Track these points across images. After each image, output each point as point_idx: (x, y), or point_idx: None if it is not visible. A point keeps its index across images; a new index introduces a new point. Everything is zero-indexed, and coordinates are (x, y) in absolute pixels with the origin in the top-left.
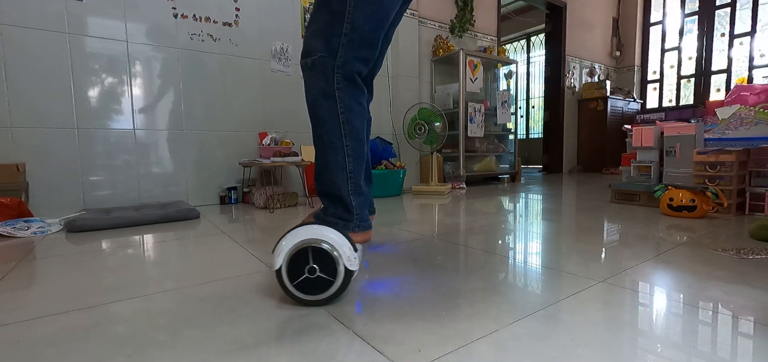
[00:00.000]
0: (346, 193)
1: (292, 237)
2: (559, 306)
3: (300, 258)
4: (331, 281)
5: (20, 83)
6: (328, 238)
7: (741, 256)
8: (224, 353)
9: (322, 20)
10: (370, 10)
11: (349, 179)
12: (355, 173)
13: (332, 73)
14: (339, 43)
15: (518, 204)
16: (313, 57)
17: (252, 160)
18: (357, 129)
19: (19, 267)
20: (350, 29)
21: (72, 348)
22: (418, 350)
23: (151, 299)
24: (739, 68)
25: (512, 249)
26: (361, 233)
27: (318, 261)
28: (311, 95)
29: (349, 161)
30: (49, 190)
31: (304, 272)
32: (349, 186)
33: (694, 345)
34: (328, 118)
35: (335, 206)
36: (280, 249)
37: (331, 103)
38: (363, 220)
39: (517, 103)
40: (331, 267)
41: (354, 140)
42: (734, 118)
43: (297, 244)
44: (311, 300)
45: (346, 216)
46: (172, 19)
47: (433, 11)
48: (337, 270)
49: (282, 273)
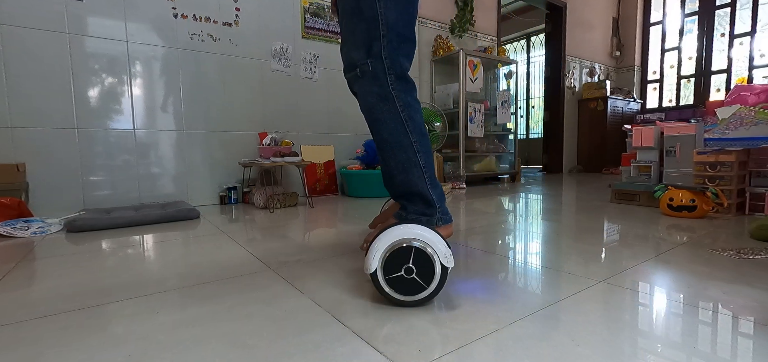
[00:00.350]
0: (424, 188)
1: (386, 239)
2: (559, 306)
3: (395, 259)
4: (428, 280)
5: (20, 83)
6: (422, 236)
7: (741, 256)
8: (224, 353)
9: (358, 30)
10: (401, 6)
11: (423, 173)
12: (428, 167)
13: (384, 75)
14: (380, 46)
15: (518, 205)
16: (360, 66)
17: (252, 160)
18: (419, 123)
19: (19, 268)
20: (387, 30)
21: (72, 348)
22: (418, 350)
23: (151, 299)
24: (739, 68)
25: (512, 249)
26: (445, 226)
27: (414, 260)
28: (367, 102)
29: (421, 156)
30: (49, 190)
31: (400, 273)
32: (425, 180)
33: (694, 345)
34: (389, 119)
35: (415, 203)
36: (374, 251)
37: (390, 104)
38: (445, 213)
39: (517, 103)
40: (428, 266)
41: (419, 135)
42: (734, 118)
43: (391, 245)
44: (408, 300)
45: (428, 211)
46: (172, 19)
47: (433, 11)
48: (434, 269)
49: (378, 276)
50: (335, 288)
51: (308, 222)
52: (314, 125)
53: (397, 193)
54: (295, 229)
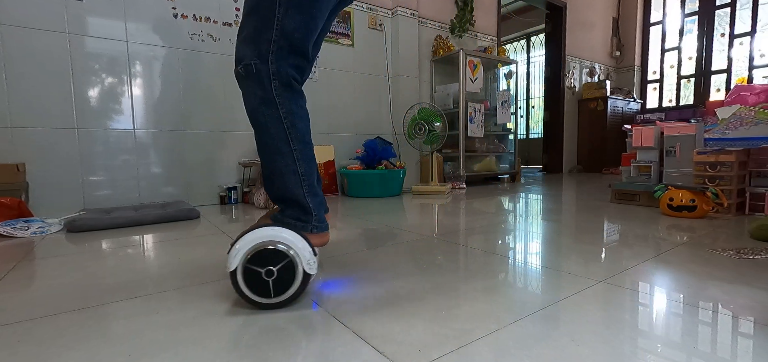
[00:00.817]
0: (302, 195)
1: (251, 238)
2: (559, 306)
3: (257, 260)
4: (288, 284)
5: (20, 83)
6: (287, 240)
7: (741, 256)
8: (225, 352)
9: (252, 26)
10: (300, 18)
11: (302, 181)
12: (308, 175)
13: (269, 80)
14: (269, 49)
15: (518, 205)
16: (244, 64)
17: (252, 160)
18: (302, 132)
19: (19, 268)
20: (279, 35)
21: (72, 348)
22: (418, 350)
23: (151, 299)
24: (739, 68)
25: (512, 249)
26: (319, 234)
27: (276, 263)
28: (250, 104)
29: (300, 164)
30: (49, 190)
31: (261, 274)
32: (303, 188)
33: (694, 345)
34: (271, 124)
35: (292, 208)
36: (236, 250)
37: (273, 110)
38: (321, 221)
39: (517, 103)
40: (289, 270)
41: (301, 143)
42: (734, 118)
43: (256, 245)
44: (266, 303)
45: (303, 217)
46: (172, 19)
47: (433, 11)
48: (296, 273)
49: (237, 276)
50: (335, 288)
51: None
52: (314, 125)
53: (276, 197)
54: None
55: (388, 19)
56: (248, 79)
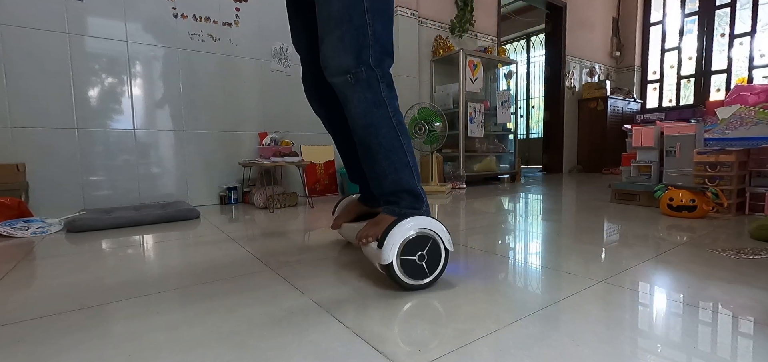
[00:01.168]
0: (414, 184)
1: (401, 231)
2: (559, 306)
3: (410, 248)
4: (436, 264)
5: (20, 83)
6: (432, 226)
7: (741, 256)
8: (225, 352)
9: (348, 37)
10: (385, 20)
11: (413, 171)
12: (415, 165)
13: (377, 83)
14: (369, 55)
15: (518, 205)
16: (353, 72)
17: (252, 160)
18: (405, 127)
19: (19, 268)
20: (374, 41)
21: (72, 349)
22: (418, 350)
23: (151, 299)
24: (739, 68)
25: (512, 249)
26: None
27: (424, 247)
28: (361, 108)
29: (410, 157)
30: (49, 190)
31: (414, 258)
32: (414, 178)
33: (694, 345)
34: (382, 124)
35: (407, 198)
36: (390, 244)
37: (383, 110)
38: (428, 205)
39: (517, 103)
40: (436, 252)
41: (408, 138)
42: (734, 118)
43: (410, 236)
44: (419, 284)
45: (417, 204)
46: (172, 19)
47: (433, 11)
48: (441, 254)
49: (394, 266)
50: (335, 288)
51: (308, 222)
52: (314, 125)
53: (388, 191)
54: (295, 229)
55: None
56: (358, 86)
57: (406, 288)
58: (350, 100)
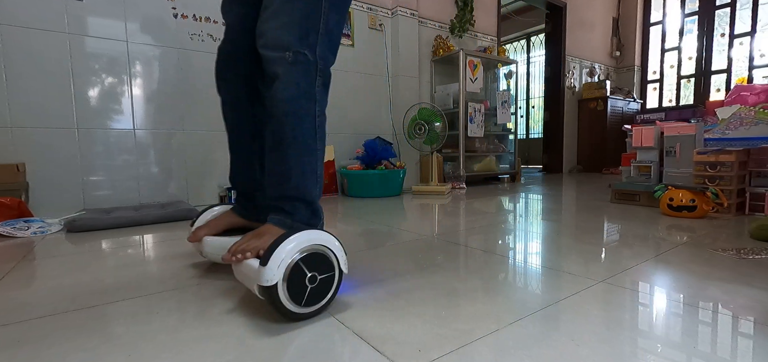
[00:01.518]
0: (315, 197)
1: (293, 245)
2: (559, 306)
3: (300, 267)
4: (329, 287)
5: (20, 83)
6: (328, 241)
7: (741, 256)
8: (225, 352)
9: (298, 12)
10: (340, 17)
11: (318, 184)
12: (322, 176)
13: (315, 75)
14: (316, 42)
15: (518, 205)
16: (293, 51)
17: None
18: (325, 135)
19: (19, 267)
20: (324, 30)
21: (72, 348)
22: (418, 350)
23: (151, 299)
24: (739, 68)
25: (512, 249)
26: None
27: (318, 267)
28: (289, 92)
29: (320, 166)
30: (49, 190)
31: (305, 283)
32: (317, 190)
33: (694, 345)
34: (305, 119)
35: (302, 210)
36: (276, 260)
37: (311, 104)
38: (322, 220)
39: (517, 103)
40: (330, 273)
41: (323, 144)
42: (734, 118)
43: (302, 254)
44: (305, 312)
45: (313, 220)
46: (172, 19)
47: (433, 11)
48: (334, 276)
49: (278, 289)
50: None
51: None
52: None
53: (284, 196)
54: None
55: (388, 19)
56: (294, 67)
57: (288, 316)
58: (281, 79)
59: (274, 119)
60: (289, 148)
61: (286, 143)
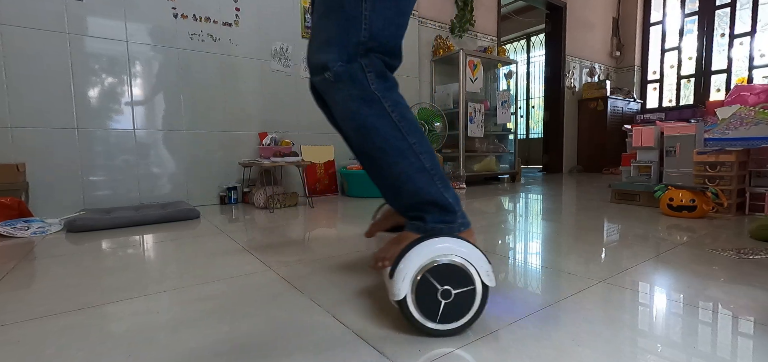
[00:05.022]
0: (439, 193)
1: (420, 255)
2: (559, 306)
3: (429, 280)
4: (469, 303)
5: (20, 83)
6: (459, 251)
7: (741, 256)
8: (225, 352)
9: (334, 28)
10: (389, 13)
11: (433, 177)
12: (436, 167)
13: (363, 73)
14: (356, 52)
15: (518, 205)
16: (332, 69)
17: (252, 160)
18: (413, 122)
19: (19, 267)
20: (368, 37)
21: (72, 348)
22: (418, 350)
23: (151, 299)
24: (739, 68)
25: (512, 249)
26: (466, 232)
27: (451, 281)
28: (348, 110)
29: (424, 158)
30: (49, 190)
31: (436, 297)
32: (437, 183)
33: (694, 345)
34: (378, 124)
35: (431, 212)
36: (402, 273)
37: (376, 106)
38: (464, 217)
39: (517, 103)
40: (469, 287)
41: (417, 135)
42: (734, 118)
43: (430, 264)
44: (445, 330)
45: (448, 218)
46: (172, 19)
47: (433, 11)
48: (476, 291)
49: (407, 302)
50: (335, 289)
51: (308, 223)
52: (314, 125)
53: (408, 206)
54: (296, 229)
55: None
56: (339, 84)
57: (425, 332)
58: (334, 102)
59: (351, 143)
60: (380, 161)
61: (375, 158)
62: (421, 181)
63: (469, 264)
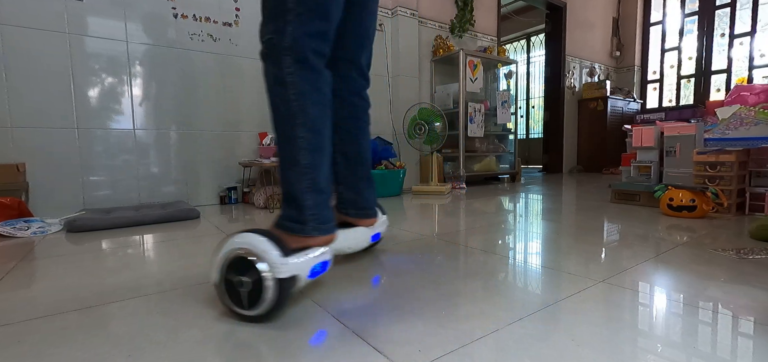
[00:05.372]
0: (300, 191)
1: (222, 249)
2: (559, 306)
3: (229, 270)
4: (258, 293)
5: (20, 83)
6: (248, 244)
7: (741, 256)
8: (224, 352)
9: (270, 3)
10: None
11: (303, 175)
12: (313, 168)
13: (282, 55)
14: (285, 20)
15: (518, 205)
16: (265, 39)
17: (252, 160)
18: (313, 118)
19: (19, 267)
20: (295, 18)
21: (72, 348)
22: (418, 350)
23: (151, 299)
24: (739, 68)
25: (512, 249)
26: (320, 237)
27: (244, 272)
28: (266, 84)
29: (304, 154)
30: (49, 190)
31: (235, 285)
32: (303, 183)
33: (694, 345)
34: (281, 106)
35: (290, 207)
36: (215, 262)
37: (282, 90)
38: (321, 222)
39: (517, 103)
40: (256, 278)
41: (309, 131)
42: (734, 118)
43: (225, 255)
44: (248, 314)
45: (300, 218)
46: (172, 19)
47: (433, 11)
48: (263, 281)
49: (220, 288)
50: (335, 289)
51: None
52: None
53: (283, 193)
54: None
55: (388, 19)
56: (266, 59)
57: (238, 314)
58: (265, 73)
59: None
60: (277, 141)
61: (276, 138)
62: (292, 175)
63: (258, 258)
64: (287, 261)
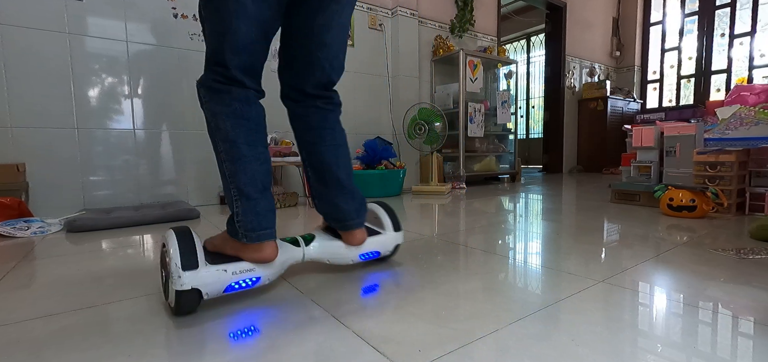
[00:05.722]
0: (229, 199)
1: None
2: (559, 306)
3: (163, 268)
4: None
5: (20, 83)
6: (170, 251)
7: (741, 256)
8: (224, 352)
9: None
10: (213, 27)
11: (229, 183)
12: (235, 175)
13: (198, 89)
14: (206, 66)
15: (518, 205)
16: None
17: None
18: (226, 131)
19: (19, 267)
20: (209, 52)
21: (72, 348)
22: (418, 350)
23: (151, 299)
24: (739, 68)
25: (512, 249)
26: (252, 246)
27: (164, 266)
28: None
29: (226, 165)
30: (49, 190)
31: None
32: (231, 191)
33: (694, 345)
34: (208, 128)
35: (231, 214)
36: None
37: (205, 111)
38: (249, 229)
39: (517, 103)
40: (166, 278)
41: (226, 142)
42: (734, 118)
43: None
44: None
45: (233, 224)
46: (172, 20)
47: (433, 11)
48: (170, 286)
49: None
50: (335, 289)
51: (308, 222)
52: None
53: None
54: (295, 229)
55: (388, 19)
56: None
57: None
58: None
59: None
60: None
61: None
62: (224, 185)
63: (171, 262)
64: (183, 274)
